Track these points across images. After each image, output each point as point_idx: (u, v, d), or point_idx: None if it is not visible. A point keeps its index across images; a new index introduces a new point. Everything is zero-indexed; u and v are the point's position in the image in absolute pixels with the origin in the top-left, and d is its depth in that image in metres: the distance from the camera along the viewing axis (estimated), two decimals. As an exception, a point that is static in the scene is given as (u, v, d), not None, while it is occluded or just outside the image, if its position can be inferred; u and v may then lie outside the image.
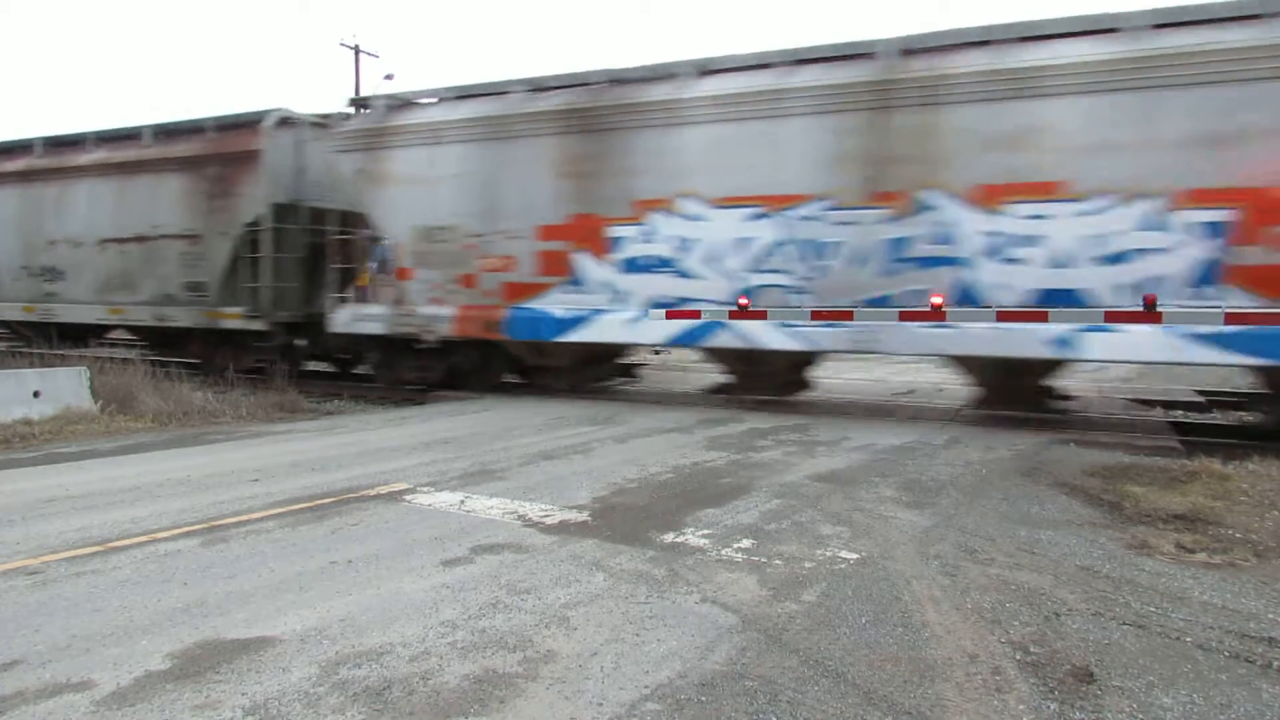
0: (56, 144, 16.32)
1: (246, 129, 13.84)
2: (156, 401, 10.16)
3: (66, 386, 9.80)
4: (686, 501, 5.72)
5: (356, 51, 31.46)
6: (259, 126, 13.63)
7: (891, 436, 8.53)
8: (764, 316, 10.18)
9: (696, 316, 10.54)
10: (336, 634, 3.47)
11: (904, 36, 9.81)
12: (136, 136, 15.16)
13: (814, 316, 9.96)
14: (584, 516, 5.34)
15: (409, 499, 5.82)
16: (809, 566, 4.33)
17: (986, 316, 9.15)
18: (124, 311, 15.18)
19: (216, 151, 14.03)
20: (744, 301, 9.96)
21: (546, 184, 11.30)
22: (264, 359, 13.72)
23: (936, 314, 9.33)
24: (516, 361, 12.86)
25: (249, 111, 14.09)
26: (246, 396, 11.13)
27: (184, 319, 14.45)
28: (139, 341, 16.84)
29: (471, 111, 11.97)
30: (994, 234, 9.16)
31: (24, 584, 4.10)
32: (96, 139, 15.73)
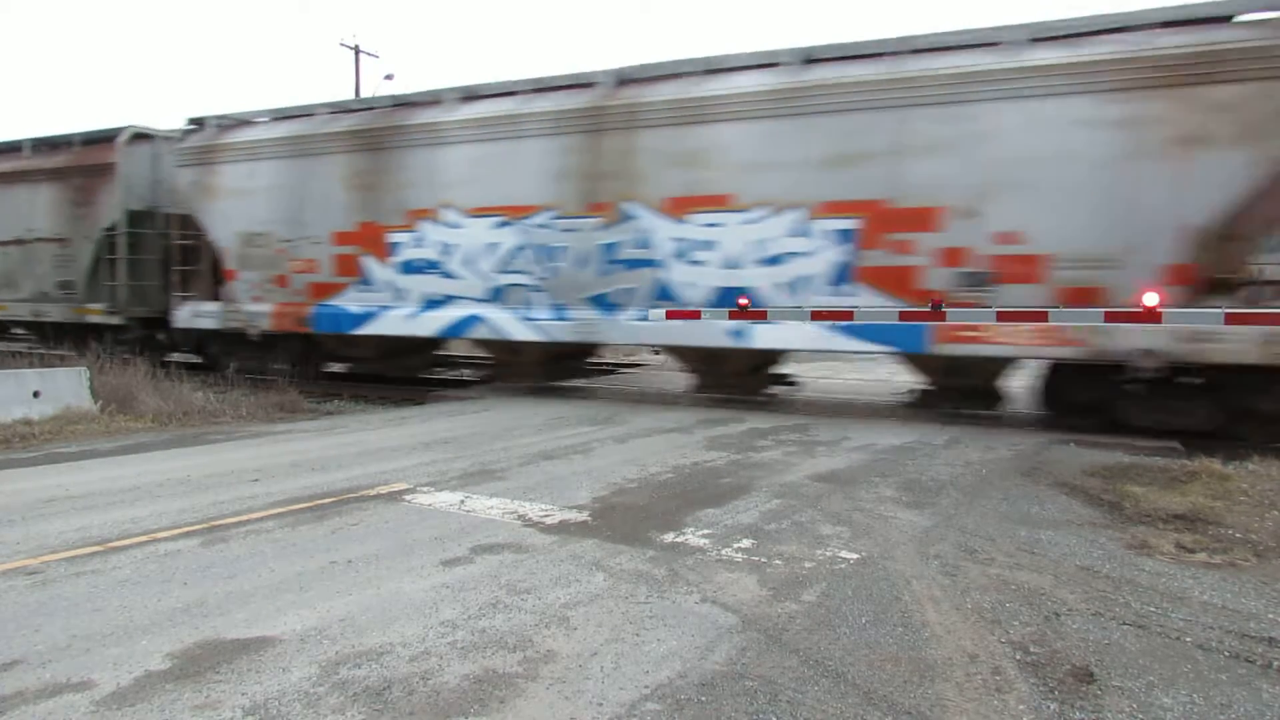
0: None
1: (105, 144, 15.25)
2: (156, 401, 10.18)
3: (66, 386, 9.81)
4: (686, 501, 5.72)
5: (356, 51, 31.51)
6: (114, 142, 15.05)
7: (891, 436, 8.53)
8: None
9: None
10: (336, 634, 3.47)
11: (619, 69, 11.31)
12: (18, 149, 16.66)
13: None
14: (584, 516, 5.34)
15: (409, 499, 5.83)
16: (809, 566, 4.33)
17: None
18: (7, 308, 16.85)
19: (80, 164, 15.53)
20: (743, 301, 10.06)
21: (340, 195, 12.91)
22: (125, 352, 14.59)
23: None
24: (334, 353, 14.50)
25: (107, 128, 15.52)
26: (246, 396, 11.17)
27: (56, 314, 15.94)
28: (30, 335, 18.11)
29: (284, 131, 13.65)
30: (681, 240, 10.59)
31: (24, 584, 4.10)
32: None
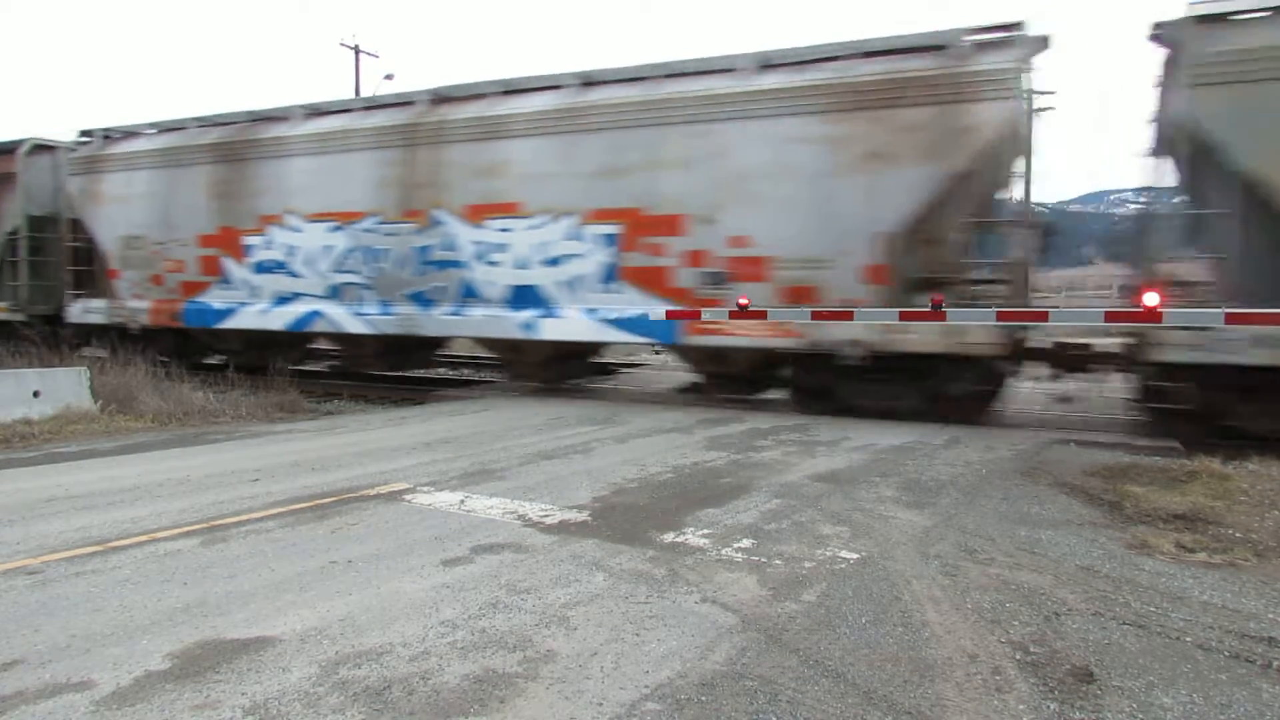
0: None
1: (7, 155, 16.30)
2: (156, 401, 10.18)
3: (66, 386, 9.81)
4: (686, 501, 5.72)
5: (356, 51, 31.53)
6: (15, 153, 16.14)
7: (891, 437, 8.53)
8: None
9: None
10: (336, 634, 3.47)
11: (434, 89, 12.63)
12: None
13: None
14: (584, 516, 5.34)
15: (409, 499, 5.82)
16: (809, 566, 4.33)
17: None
18: None
19: None
20: (744, 301, 10.04)
21: (204, 202, 14.19)
22: (30, 346, 15.34)
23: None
24: (208, 346, 15.78)
25: (9, 140, 16.65)
26: (246, 396, 11.17)
27: None
28: None
29: (158, 144, 14.97)
30: (480, 243, 11.78)
31: (24, 584, 4.10)
32: None
